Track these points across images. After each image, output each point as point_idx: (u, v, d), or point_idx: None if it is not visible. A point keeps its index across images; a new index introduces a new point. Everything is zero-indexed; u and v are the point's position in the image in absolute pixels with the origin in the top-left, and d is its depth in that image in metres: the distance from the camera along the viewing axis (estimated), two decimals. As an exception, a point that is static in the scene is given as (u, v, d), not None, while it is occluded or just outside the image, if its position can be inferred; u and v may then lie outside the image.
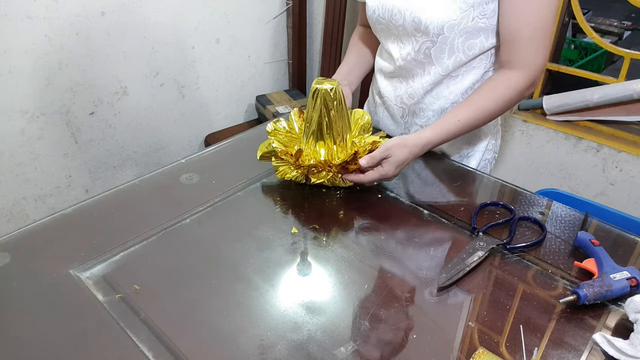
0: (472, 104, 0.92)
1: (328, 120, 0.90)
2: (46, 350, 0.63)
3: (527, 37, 0.87)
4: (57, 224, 0.85)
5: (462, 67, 0.97)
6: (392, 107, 1.09)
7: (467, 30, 0.91)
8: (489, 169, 1.14)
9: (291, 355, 0.62)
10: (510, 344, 0.64)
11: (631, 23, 3.09)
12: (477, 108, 0.92)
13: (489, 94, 0.92)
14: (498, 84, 0.92)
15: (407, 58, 0.99)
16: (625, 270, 0.70)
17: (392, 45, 1.02)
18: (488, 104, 0.92)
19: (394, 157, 0.88)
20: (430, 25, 0.91)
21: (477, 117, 0.92)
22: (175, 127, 2.11)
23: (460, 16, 0.89)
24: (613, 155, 1.64)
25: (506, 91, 0.91)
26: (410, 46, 0.97)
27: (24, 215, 1.78)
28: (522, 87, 0.91)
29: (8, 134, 1.62)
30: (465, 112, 0.92)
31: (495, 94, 0.92)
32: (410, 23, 0.93)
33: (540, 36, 0.87)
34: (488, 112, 0.92)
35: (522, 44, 0.88)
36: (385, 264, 0.78)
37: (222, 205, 0.90)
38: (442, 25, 0.90)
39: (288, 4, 2.26)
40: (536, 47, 0.88)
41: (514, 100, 0.92)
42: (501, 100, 0.91)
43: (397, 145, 0.88)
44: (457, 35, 0.92)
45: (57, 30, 1.60)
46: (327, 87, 0.87)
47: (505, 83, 0.91)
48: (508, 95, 0.91)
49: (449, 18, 0.89)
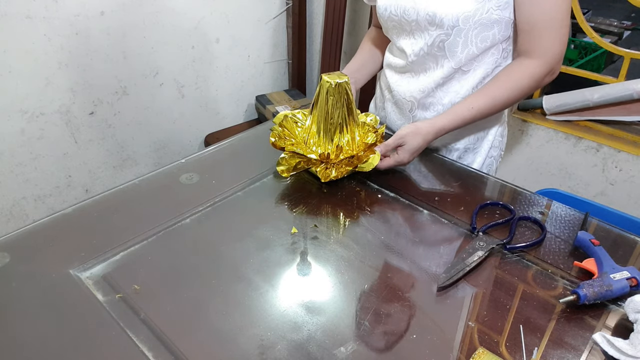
0: (487, 92, 0.94)
1: (350, 109, 0.94)
2: (46, 350, 0.63)
3: (545, 26, 0.88)
4: (57, 224, 0.85)
5: (473, 61, 0.98)
6: (401, 100, 1.09)
7: (481, 22, 0.92)
8: (494, 166, 1.15)
9: (291, 355, 0.62)
10: (510, 344, 0.64)
11: (631, 23, 3.09)
12: (493, 96, 0.94)
13: (506, 83, 0.93)
14: (515, 72, 0.93)
15: (419, 53, 1.00)
16: (625, 270, 0.70)
17: (404, 42, 1.02)
18: (503, 92, 0.93)
19: (408, 145, 0.93)
20: (446, 18, 0.92)
21: (492, 105, 0.94)
22: (175, 127, 2.11)
23: (475, 8, 0.90)
24: (613, 155, 1.64)
25: (523, 79, 0.92)
26: (422, 41, 0.98)
27: (23, 215, 1.78)
28: (539, 76, 0.92)
29: (8, 134, 1.62)
30: (480, 100, 0.94)
31: (511, 82, 0.93)
32: (424, 17, 0.94)
33: (557, 25, 0.88)
34: (503, 100, 0.94)
35: (539, 32, 0.89)
36: (385, 263, 0.78)
37: (222, 205, 0.90)
38: (457, 17, 0.91)
39: (288, 4, 2.26)
40: (554, 35, 0.89)
41: (531, 88, 0.94)
42: (518, 88, 0.93)
43: (411, 133, 0.93)
44: (471, 28, 0.93)
45: (57, 30, 1.60)
46: (344, 80, 0.91)
47: (523, 71, 0.92)
48: (526, 83, 0.92)
49: (464, 10, 0.90)
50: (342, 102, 0.91)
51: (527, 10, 0.89)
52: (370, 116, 1.06)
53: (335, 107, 0.91)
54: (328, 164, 0.93)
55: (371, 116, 1.06)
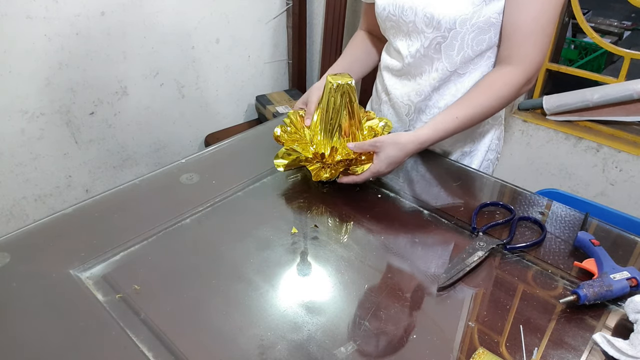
0: (469, 101, 0.93)
1: (351, 112, 0.93)
2: (46, 350, 0.63)
3: (527, 32, 0.88)
4: (57, 224, 0.85)
5: (469, 64, 0.98)
6: (398, 104, 1.09)
7: (478, 25, 0.92)
8: (491, 169, 1.14)
9: (291, 355, 0.62)
10: (510, 344, 0.64)
11: (631, 23, 3.09)
12: (475, 105, 0.92)
13: (486, 91, 0.92)
14: (495, 80, 0.92)
15: (415, 55, 0.99)
16: (625, 270, 0.70)
17: (400, 43, 1.02)
18: (485, 100, 0.92)
19: (384, 153, 0.89)
20: (443, 20, 0.91)
21: (474, 114, 0.93)
22: (175, 127, 2.11)
23: (473, 11, 0.90)
24: (613, 155, 1.64)
25: (503, 87, 0.91)
26: (419, 42, 0.98)
27: (24, 215, 1.78)
28: (518, 84, 0.91)
29: (8, 134, 1.62)
30: (463, 110, 0.92)
31: (492, 90, 0.92)
32: (422, 18, 0.94)
33: (539, 32, 0.87)
34: (485, 108, 0.93)
35: (521, 38, 0.89)
36: (385, 264, 0.78)
37: (222, 205, 0.90)
38: (454, 20, 0.91)
39: (288, 4, 2.26)
40: (534, 42, 0.88)
41: (511, 96, 0.92)
42: (498, 96, 0.92)
43: (388, 140, 0.89)
44: (468, 31, 0.92)
45: (57, 30, 1.60)
46: (350, 82, 0.90)
47: (502, 79, 0.92)
48: (505, 91, 0.91)
49: (461, 12, 0.90)
50: (343, 103, 0.91)
51: (513, 15, 0.88)
52: (383, 120, 1.03)
53: (335, 108, 0.91)
54: (324, 164, 0.92)
55: (384, 120, 1.03)
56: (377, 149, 0.89)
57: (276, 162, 0.97)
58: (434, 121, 0.93)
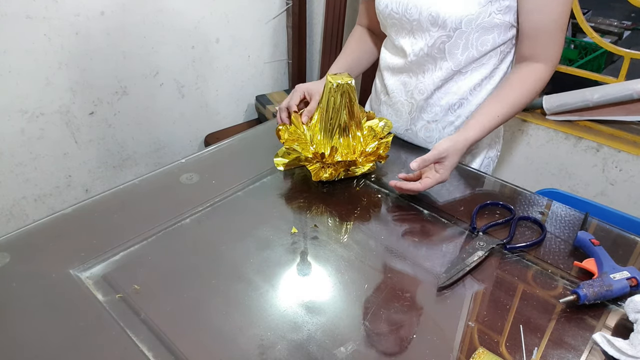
0: (506, 99, 0.94)
1: (351, 111, 0.93)
2: (46, 350, 0.63)
3: (549, 32, 0.90)
4: (57, 224, 0.85)
5: (472, 64, 0.98)
6: (399, 102, 1.09)
7: (483, 25, 0.92)
8: (491, 167, 1.15)
9: (291, 355, 0.62)
10: (510, 344, 0.64)
11: (631, 23, 3.09)
12: (512, 102, 0.94)
13: (521, 87, 0.94)
14: (527, 76, 0.94)
15: (419, 53, 0.99)
16: (625, 270, 0.70)
17: (403, 40, 1.02)
18: (519, 97, 0.94)
19: (449, 161, 0.88)
20: (449, 20, 0.92)
21: (511, 111, 0.95)
22: (175, 127, 2.11)
23: (479, 11, 0.90)
24: (613, 155, 1.64)
25: (536, 83, 0.94)
26: (423, 41, 0.98)
27: (23, 215, 1.78)
28: (546, 78, 0.95)
29: (8, 134, 1.62)
30: (503, 108, 0.94)
31: (525, 87, 0.94)
32: (427, 17, 0.94)
33: (559, 30, 0.90)
34: (520, 104, 0.95)
35: (545, 38, 0.91)
36: (385, 263, 0.78)
37: (222, 205, 0.90)
38: (460, 20, 0.91)
39: (288, 4, 2.25)
40: (556, 40, 0.91)
41: (539, 91, 0.95)
42: (532, 91, 0.94)
43: (450, 150, 0.88)
44: (473, 30, 0.93)
45: (56, 30, 1.60)
46: (350, 82, 0.90)
47: (534, 76, 0.94)
48: (537, 87, 0.94)
49: (467, 12, 0.90)
50: (342, 103, 0.91)
51: (534, 18, 0.90)
52: (383, 120, 1.02)
53: (335, 107, 0.91)
54: (324, 164, 0.92)
55: (384, 120, 1.02)
56: (443, 160, 0.88)
57: (276, 160, 0.97)
58: (478, 121, 0.92)
